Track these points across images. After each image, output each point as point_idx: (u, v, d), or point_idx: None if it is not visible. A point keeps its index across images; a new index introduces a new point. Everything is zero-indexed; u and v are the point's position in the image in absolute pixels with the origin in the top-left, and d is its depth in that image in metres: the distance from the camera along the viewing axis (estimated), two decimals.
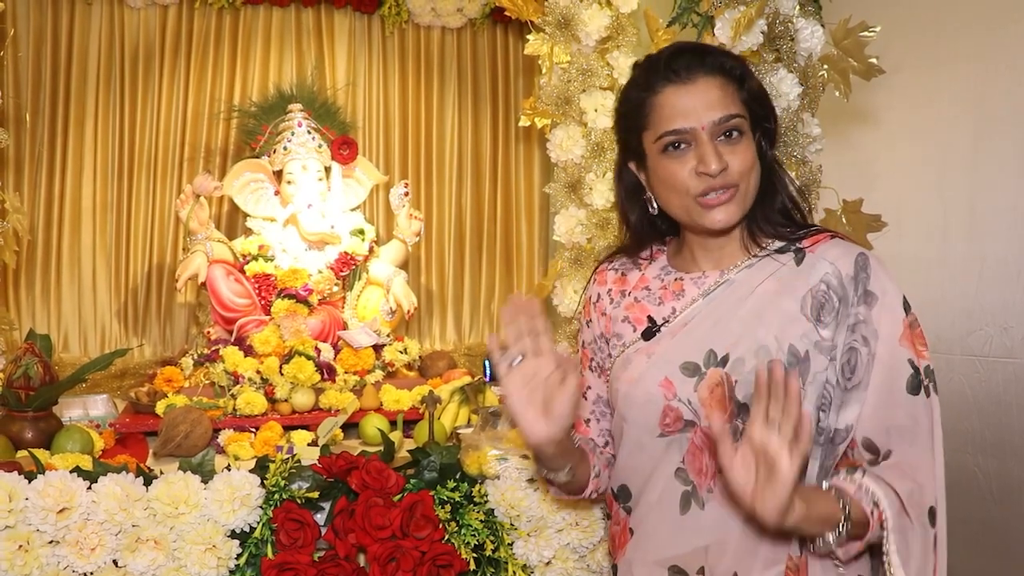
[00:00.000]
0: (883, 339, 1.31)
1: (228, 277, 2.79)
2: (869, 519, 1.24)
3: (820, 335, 1.32)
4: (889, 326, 1.31)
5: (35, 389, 2.12)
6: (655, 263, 1.53)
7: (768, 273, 1.38)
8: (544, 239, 3.70)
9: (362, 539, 1.73)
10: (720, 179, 1.32)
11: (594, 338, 1.56)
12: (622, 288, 1.53)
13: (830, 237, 1.39)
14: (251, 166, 2.99)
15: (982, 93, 2.33)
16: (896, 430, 1.29)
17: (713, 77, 1.33)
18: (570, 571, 1.85)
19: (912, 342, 1.32)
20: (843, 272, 1.34)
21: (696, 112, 1.32)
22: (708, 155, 1.30)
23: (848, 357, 1.31)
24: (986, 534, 2.31)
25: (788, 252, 1.39)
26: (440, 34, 3.61)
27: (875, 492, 1.25)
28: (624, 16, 2.28)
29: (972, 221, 2.37)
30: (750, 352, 1.32)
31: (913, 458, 1.29)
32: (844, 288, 1.33)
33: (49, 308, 3.20)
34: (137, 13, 3.27)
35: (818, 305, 1.33)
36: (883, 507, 1.24)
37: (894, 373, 1.30)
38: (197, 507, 1.71)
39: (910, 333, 1.32)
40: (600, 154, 2.27)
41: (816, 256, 1.37)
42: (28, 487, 1.65)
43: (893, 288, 1.34)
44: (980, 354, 2.35)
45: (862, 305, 1.32)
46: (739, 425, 1.31)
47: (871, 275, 1.34)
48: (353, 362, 2.69)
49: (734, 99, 1.34)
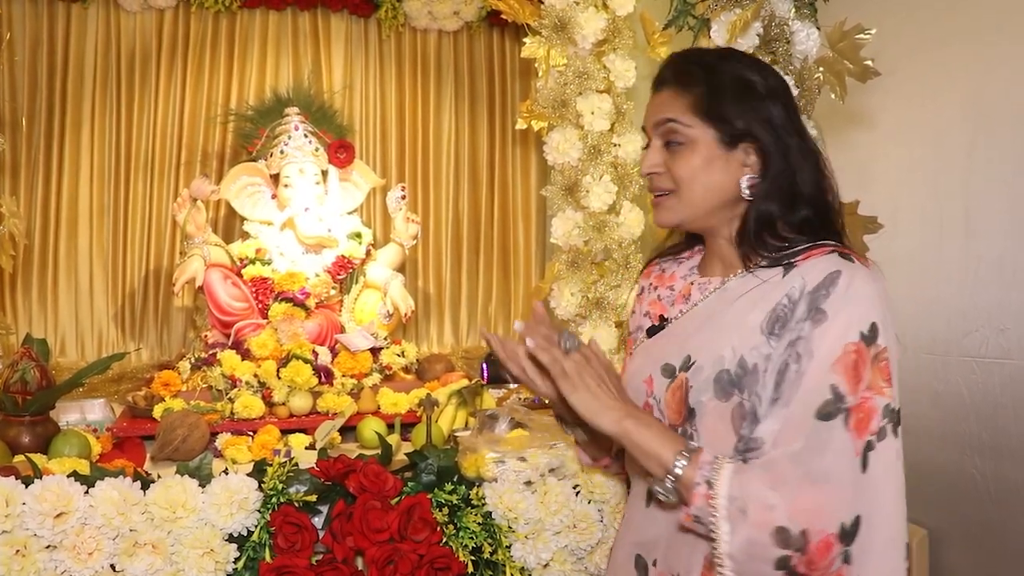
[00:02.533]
0: (816, 360, 1.23)
1: (225, 281, 2.79)
2: (692, 489, 1.21)
3: (771, 348, 1.28)
4: (826, 349, 1.23)
5: (32, 393, 2.12)
6: (688, 263, 1.55)
7: (753, 285, 1.36)
8: (541, 242, 3.71)
9: (360, 542, 1.73)
10: (652, 182, 1.42)
11: (635, 328, 1.60)
12: (657, 284, 1.57)
13: (828, 252, 1.32)
14: (248, 170, 2.99)
15: (978, 94, 2.34)
16: (792, 451, 1.22)
17: (669, 86, 1.41)
18: (568, 573, 1.85)
19: (851, 371, 1.22)
20: (807, 287, 1.28)
21: (650, 115, 1.43)
22: (646, 158, 1.42)
23: (780, 371, 1.26)
24: (984, 536, 2.31)
25: (779, 266, 1.35)
26: (436, 37, 3.62)
27: (720, 475, 1.21)
28: (620, 19, 2.29)
29: (968, 222, 2.37)
30: (708, 361, 1.33)
31: (791, 479, 1.20)
32: (798, 302, 1.28)
33: (46, 312, 3.20)
34: (133, 17, 3.27)
35: (775, 319, 1.30)
36: (716, 491, 1.20)
37: (813, 397, 1.23)
38: (195, 511, 1.70)
39: (853, 362, 1.23)
40: (597, 156, 2.27)
41: (800, 270, 1.32)
42: (25, 492, 1.65)
43: (855, 312, 1.25)
44: (976, 355, 2.35)
45: (808, 321, 1.26)
46: (686, 429, 1.33)
47: (832, 294, 1.26)
48: (351, 365, 2.69)
49: (681, 106, 1.38)
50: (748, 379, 1.29)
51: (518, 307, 3.70)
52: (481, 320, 3.67)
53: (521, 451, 1.91)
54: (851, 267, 1.29)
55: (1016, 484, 2.23)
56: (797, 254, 1.35)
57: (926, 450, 2.46)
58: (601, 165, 2.28)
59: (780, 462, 1.21)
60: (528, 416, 2.04)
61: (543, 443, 1.94)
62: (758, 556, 1.18)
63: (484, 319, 3.68)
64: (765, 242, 1.38)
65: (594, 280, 2.29)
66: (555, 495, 1.85)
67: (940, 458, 2.42)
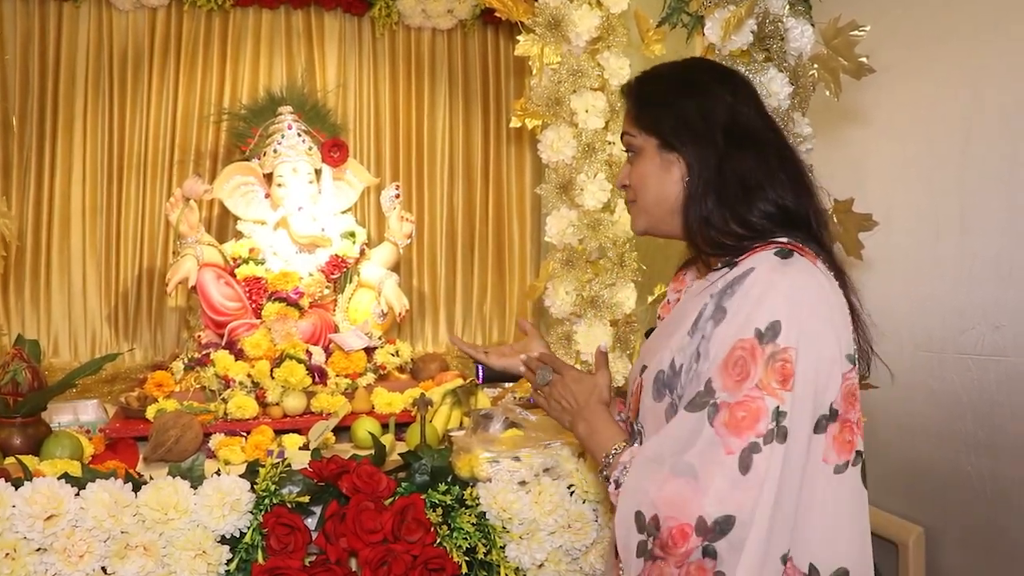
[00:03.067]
0: (711, 359, 1.23)
1: (218, 281, 2.78)
2: (608, 490, 1.35)
3: (693, 348, 1.28)
4: (719, 346, 1.22)
5: (23, 395, 2.11)
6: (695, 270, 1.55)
7: (704, 287, 1.34)
8: (536, 240, 3.70)
9: (353, 543, 1.73)
10: (626, 193, 1.49)
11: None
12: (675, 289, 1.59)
13: (767, 248, 1.29)
14: (241, 169, 2.98)
15: (973, 92, 2.33)
16: (664, 439, 1.24)
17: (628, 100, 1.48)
18: (563, 574, 1.84)
19: (740, 369, 1.19)
20: (723, 285, 1.27)
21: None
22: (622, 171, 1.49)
23: (686, 372, 1.27)
24: (980, 534, 2.31)
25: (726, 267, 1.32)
26: (431, 35, 3.60)
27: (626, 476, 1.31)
28: (614, 16, 2.28)
29: (963, 219, 2.37)
30: (654, 362, 1.36)
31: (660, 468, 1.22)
32: (709, 301, 1.27)
33: (39, 313, 3.18)
34: (125, 15, 3.26)
35: (698, 318, 1.28)
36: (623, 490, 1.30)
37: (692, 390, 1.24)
38: (186, 513, 1.70)
39: (741, 360, 1.20)
40: (591, 155, 2.26)
41: (735, 269, 1.29)
42: (15, 494, 1.64)
43: (753, 311, 1.22)
44: (972, 353, 2.34)
45: (711, 320, 1.25)
46: (636, 427, 1.42)
47: (736, 292, 1.24)
48: (344, 365, 2.68)
49: (630, 122, 1.45)
50: (675, 380, 1.31)
51: (513, 306, 3.69)
52: (476, 319, 3.66)
53: (515, 451, 1.91)
54: (773, 265, 1.25)
55: (1012, 481, 2.23)
56: (741, 252, 1.32)
57: (922, 448, 2.46)
58: (595, 163, 2.27)
59: (660, 453, 1.26)
60: (523, 416, 2.03)
61: (537, 443, 1.94)
62: (626, 544, 1.25)
63: (479, 318, 3.67)
64: (717, 243, 1.35)
65: (589, 278, 2.29)
66: (549, 495, 1.85)
67: (936, 456, 2.42)
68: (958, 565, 2.38)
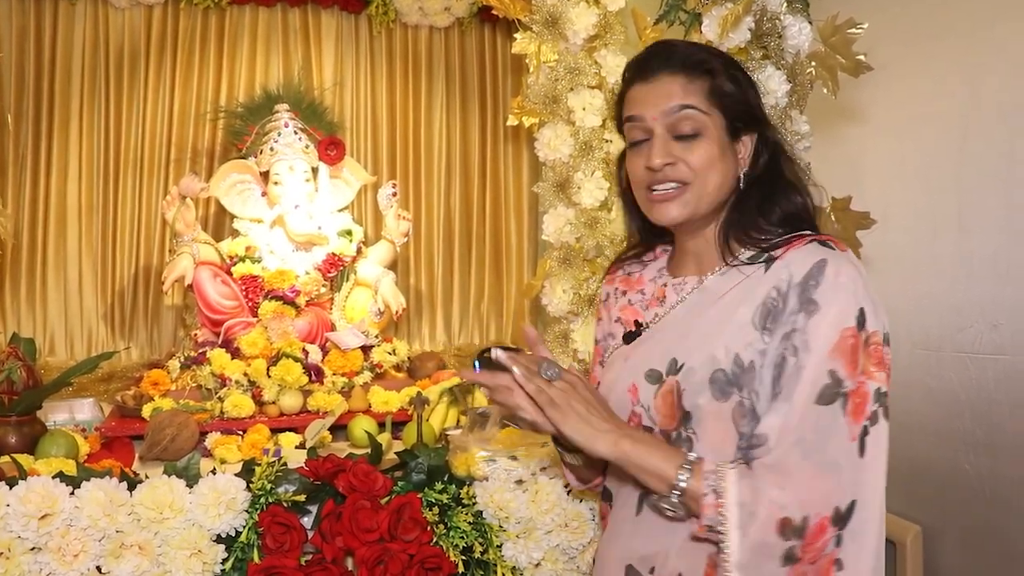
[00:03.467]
0: (814, 351, 1.23)
1: (215, 279, 2.77)
2: (701, 501, 1.21)
3: (765, 343, 1.28)
4: (824, 338, 1.24)
5: (18, 393, 2.10)
6: (654, 264, 1.53)
7: (736, 281, 1.35)
8: (533, 238, 3.69)
9: (349, 542, 1.72)
10: (663, 175, 1.34)
11: (603, 336, 1.57)
12: (625, 288, 1.54)
13: (808, 241, 1.32)
14: (238, 167, 2.97)
15: (970, 89, 2.33)
16: (797, 441, 1.22)
17: (675, 74, 1.35)
18: (559, 572, 1.84)
19: (848, 357, 1.23)
20: (794, 278, 1.28)
21: (651, 103, 1.35)
22: (654, 149, 1.34)
23: (777, 364, 1.26)
24: (978, 533, 2.31)
25: (760, 260, 1.34)
26: (428, 33, 3.60)
27: (726, 483, 1.20)
28: (611, 14, 2.27)
29: (960, 217, 2.37)
30: (700, 362, 1.31)
31: (796, 468, 1.20)
32: (788, 294, 1.28)
33: (35, 311, 3.17)
34: (122, 13, 3.25)
35: (766, 313, 1.29)
36: (725, 500, 1.19)
37: (812, 387, 1.23)
38: (182, 512, 1.69)
39: (851, 348, 1.23)
40: (588, 153, 2.26)
41: (783, 262, 1.31)
42: (9, 493, 1.63)
43: (844, 300, 1.25)
44: (970, 351, 2.34)
45: (801, 313, 1.26)
46: (682, 433, 1.31)
47: (821, 283, 1.26)
48: (341, 364, 2.68)
49: (696, 94, 1.34)
50: (746, 377, 1.28)
51: (510, 304, 3.68)
52: (473, 318, 3.66)
53: (512, 450, 1.91)
54: (835, 255, 1.29)
55: (1010, 480, 2.22)
56: (777, 246, 1.34)
57: (920, 446, 2.46)
58: (593, 161, 2.26)
59: (787, 456, 1.22)
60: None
61: (534, 442, 1.93)
62: (767, 555, 1.18)
63: (476, 317, 3.66)
64: (749, 235, 1.37)
65: (586, 277, 2.28)
66: (546, 494, 1.84)
67: (934, 454, 2.42)
68: (956, 564, 2.38)
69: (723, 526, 1.19)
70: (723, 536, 1.19)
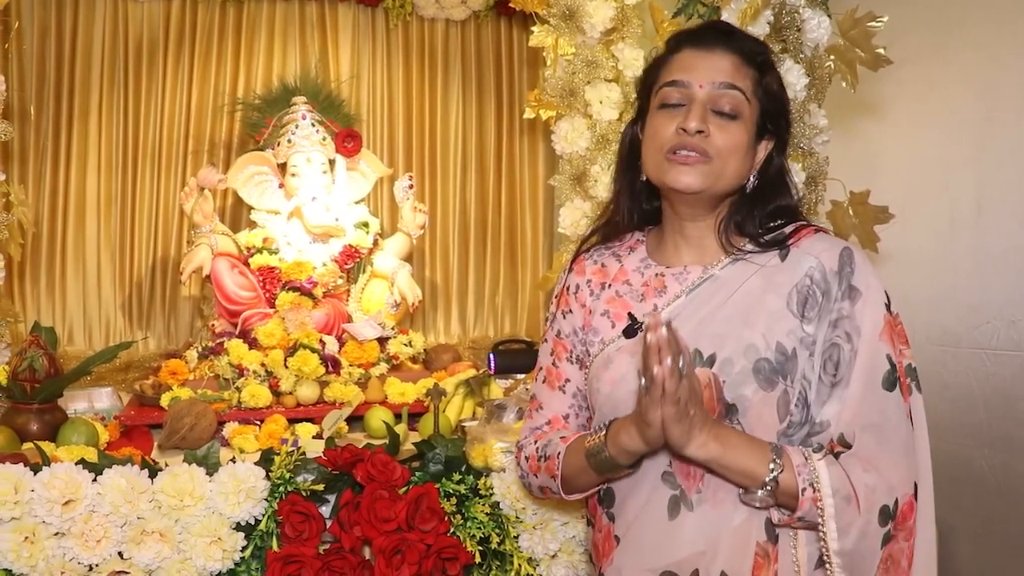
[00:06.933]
0: (865, 336, 1.29)
1: (232, 270, 2.79)
2: (799, 495, 1.23)
3: (804, 331, 1.31)
4: (871, 322, 1.30)
5: (40, 381, 2.12)
6: (634, 254, 1.49)
7: (753, 270, 1.36)
8: (548, 231, 3.69)
9: (367, 532, 1.73)
10: (694, 141, 1.32)
11: (574, 329, 1.51)
12: (602, 280, 1.49)
13: (814, 232, 1.38)
14: (255, 159, 2.98)
15: (990, 84, 2.32)
16: (867, 426, 1.27)
17: (731, 53, 1.36)
18: (575, 564, 1.84)
19: (892, 339, 1.31)
20: (827, 266, 1.33)
21: (701, 71, 1.35)
22: (692, 113, 1.33)
23: (831, 353, 1.30)
24: (992, 528, 2.31)
25: (772, 249, 1.37)
26: (444, 26, 3.60)
27: (819, 474, 1.23)
28: (629, 7, 2.27)
29: (978, 213, 2.36)
30: (738, 352, 1.31)
31: (877, 454, 1.26)
32: (827, 282, 1.32)
33: (54, 301, 3.20)
34: (141, 6, 3.27)
35: (802, 300, 1.32)
36: (821, 492, 1.22)
37: (873, 370, 1.28)
38: (202, 499, 1.71)
39: (890, 330, 1.31)
40: (605, 146, 2.26)
41: (801, 251, 1.35)
42: (34, 479, 1.65)
43: (876, 284, 1.32)
44: (987, 347, 2.34)
45: (846, 300, 1.31)
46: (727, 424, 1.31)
47: (855, 270, 1.32)
48: (358, 355, 2.69)
49: (744, 79, 1.35)
50: (789, 364, 1.30)
51: (525, 297, 3.69)
52: (488, 310, 3.66)
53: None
54: (848, 244, 1.37)
55: None
56: (787, 236, 1.38)
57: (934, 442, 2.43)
58: (609, 154, 2.26)
59: (863, 443, 1.27)
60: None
61: None
62: (869, 541, 1.24)
63: (491, 309, 3.67)
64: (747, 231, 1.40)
65: None
66: None
67: (949, 450, 2.41)
68: (970, 559, 2.38)
69: (820, 519, 1.23)
70: (821, 528, 1.23)
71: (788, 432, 1.30)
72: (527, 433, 1.58)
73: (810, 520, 1.24)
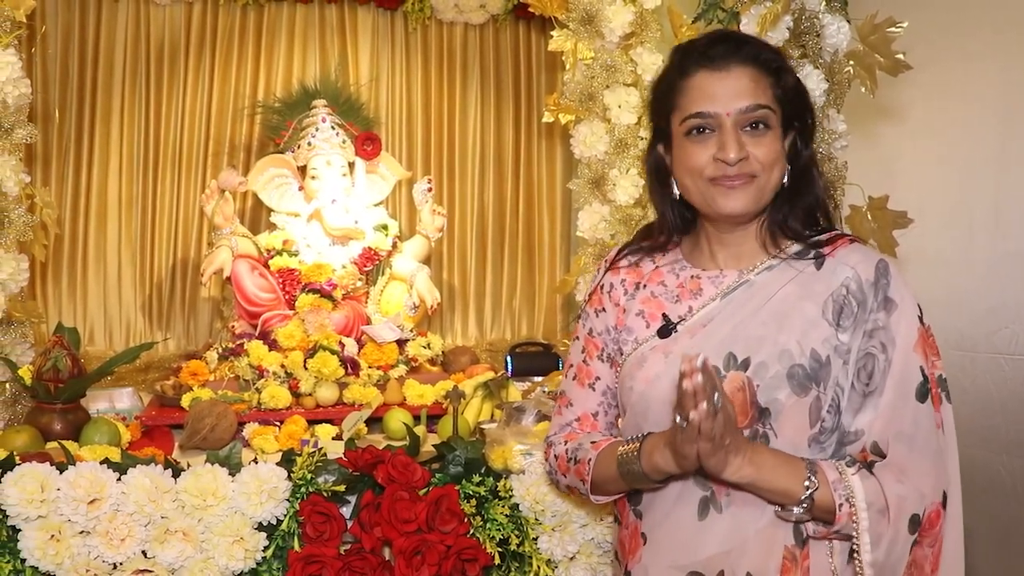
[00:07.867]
0: (899, 347, 1.31)
1: (253, 272, 2.81)
2: (836, 511, 1.26)
3: (839, 339, 1.33)
4: (906, 334, 1.32)
5: (64, 381, 2.14)
6: (668, 256, 1.51)
7: (790, 277, 1.38)
8: (566, 235, 3.70)
9: (388, 532, 1.75)
10: (737, 168, 1.33)
11: (607, 328, 1.52)
12: (636, 280, 1.50)
13: (850, 242, 1.40)
14: (275, 161, 3.01)
15: (1008, 90, 2.31)
16: (900, 435, 1.30)
17: (747, 67, 1.34)
18: (594, 566, 1.85)
19: (925, 351, 1.33)
20: (863, 277, 1.35)
21: (724, 98, 1.33)
22: (728, 142, 1.32)
23: (865, 363, 1.32)
24: (1011, 532, 2.30)
25: (808, 256, 1.39)
26: (463, 30, 3.62)
27: (854, 490, 1.25)
28: (648, 12, 2.28)
29: (997, 218, 2.35)
30: (773, 357, 1.32)
31: (909, 463, 1.28)
32: (864, 293, 1.34)
33: (75, 302, 3.23)
34: (163, 10, 3.30)
35: (838, 309, 1.34)
36: (856, 507, 1.25)
37: (907, 381, 1.31)
38: (225, 499, 1.72)
39: (923, 342, 1.33)
40: (624, 150, 2.27)
41: (836, 260, 1.37)
42: (59, 478, 1.68)
43: (910, 297, 1.35)
44: (1005, 352, 2.33)
45: (881, 311, 1.33)
46: (759, 429, 1.32)
47: (891, 282, 1.35)
48: (377, 357, 2.71)
49: (765, 91, 1.35)
50: (823, 371, 1.32)
51: (542, 300, 3.70)
52: (506, 313, 3.68)
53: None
54: (882, 255, 1.38)
55: None
56: (822, 244, 1.40)
57: None
58: (628, 159, 2.28)
59: (895, 452, 1.29)
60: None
61: None
62: (896, 548, 1.26)
63: (508, 312, 3.68)
64: (793, 229, 1.41)
65: None
66: None
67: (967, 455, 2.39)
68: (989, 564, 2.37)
69: (855, 532, 1.26)
70: (855, 541, 1.26)
71: (820, 439, 1.32)
72: (556, 430, 1.59)
73: (846, 533, 1.28)
